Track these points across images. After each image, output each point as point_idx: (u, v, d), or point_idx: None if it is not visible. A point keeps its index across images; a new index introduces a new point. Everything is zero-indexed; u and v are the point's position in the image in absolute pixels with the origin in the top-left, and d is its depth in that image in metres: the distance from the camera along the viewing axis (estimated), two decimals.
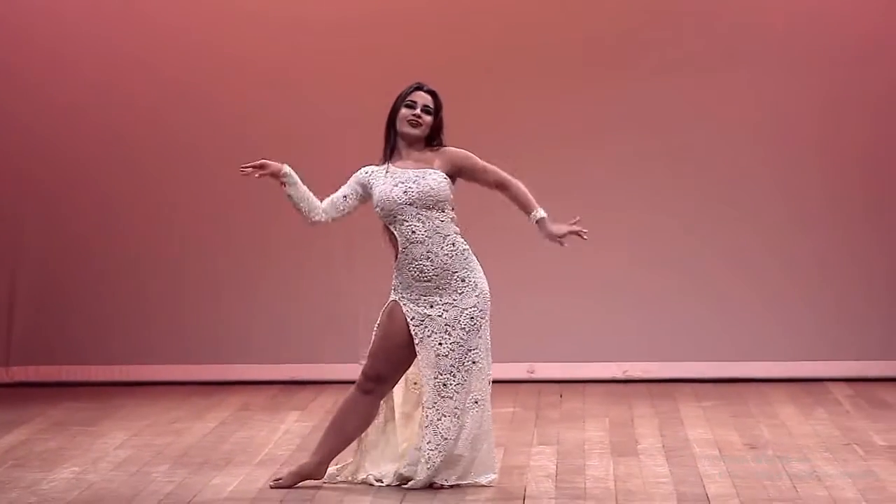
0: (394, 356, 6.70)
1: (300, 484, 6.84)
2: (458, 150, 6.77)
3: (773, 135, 9.90)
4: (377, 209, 6.67)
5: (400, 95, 6.73)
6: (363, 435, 6.82)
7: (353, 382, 9.50)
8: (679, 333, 9.91)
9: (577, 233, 6.75)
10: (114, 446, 7.95)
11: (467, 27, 9.88)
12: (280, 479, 6.83)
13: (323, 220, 6.76)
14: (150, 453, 7.75)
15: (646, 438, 8.03)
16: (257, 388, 9.74)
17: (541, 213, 6.73)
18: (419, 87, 6.73)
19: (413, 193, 6.59)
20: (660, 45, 9.83)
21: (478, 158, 6.77)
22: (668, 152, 9.90)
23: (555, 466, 7.31)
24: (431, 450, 6.62)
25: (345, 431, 6.80)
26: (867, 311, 9.89)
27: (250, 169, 6.78)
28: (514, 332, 9.76)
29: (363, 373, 6.74)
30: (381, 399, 6.78)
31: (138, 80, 10.01)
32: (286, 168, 6.81)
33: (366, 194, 6.74)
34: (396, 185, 6.60)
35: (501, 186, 6.79)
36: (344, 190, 6.77)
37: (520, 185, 6.77)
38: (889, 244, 9.88)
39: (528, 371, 9.97)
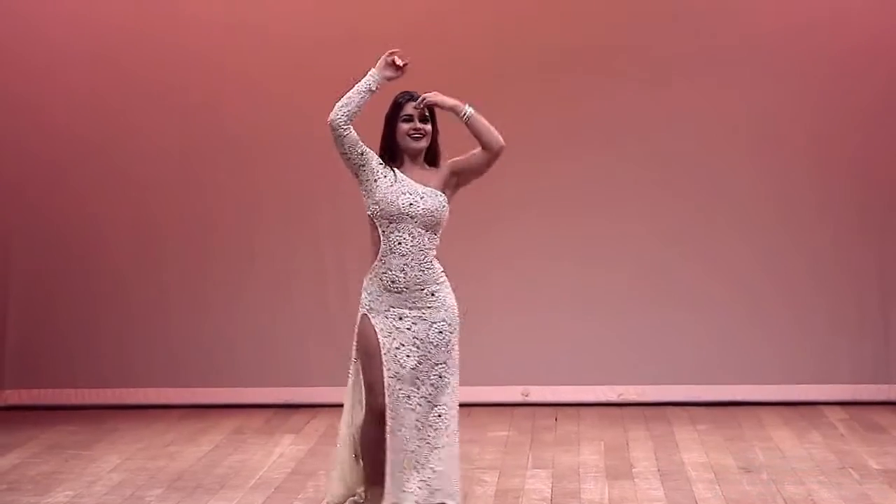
0: (375, 372, 6.53)
1: None
2: (444, 162, 6.65)
3: (766, 153, 9.87)
4: (375, 206, 6.52)
5: (394, 107, 6.60)
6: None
7: None
8: (673, 357, 9.90)
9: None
10: (107, 470, 7.94)
11: (456, 34, 9.83)
12: None
13: (344, 132, 6.49)
14: (144, 477, 7.73)
15: (641, 462, 8.03)
16: (251, 412, 9.71)
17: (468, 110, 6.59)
18: (412, 98, 6.60)
19: (418, 208, 6.51)
20: (649, 53, 9.83)
21: (458, 158, 6.65)
22: (666, 174, 9.87)
23: (550, 490, 7.31)
24: (387, 460, 6.48)
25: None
26: (860, 335, 9.88)
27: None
28: (509, 356, 9.76)
29: (374, 409, 6.51)
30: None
31: (126, 93, 9.97)
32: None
33: (364, 171, 6.53)
34: (403, 195, 6.51)
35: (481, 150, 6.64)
36: (363, 146, 6.54)
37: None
38: (883, 266, 9.87)
39: (522, 394, 9.96)
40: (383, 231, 6.54)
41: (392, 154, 6.62)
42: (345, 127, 6.47)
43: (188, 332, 10.05)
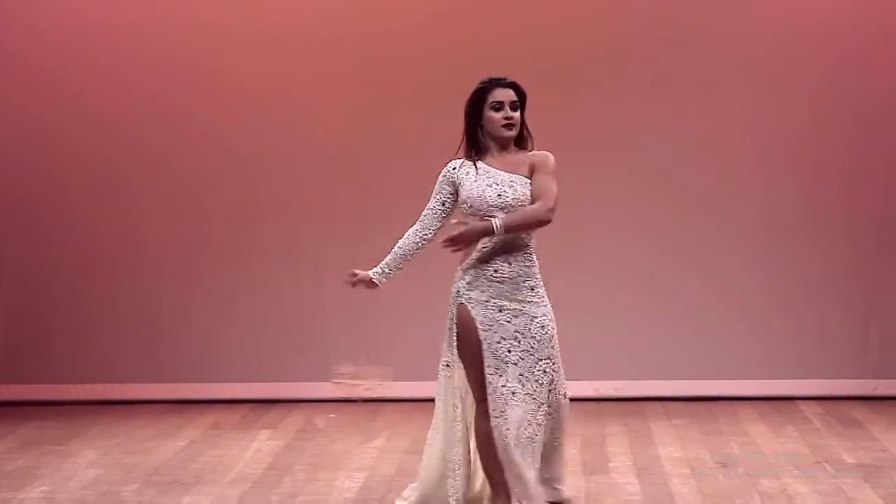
0: (482, 365, 6.31)
1: None
2: (542, 154, 6.43)
3: (751, 155, 9.90)
4: (464, 205, 6.31)
5: (479, 97, 6.37)
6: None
7: (325, 401, 9.64)
8: (650, 352, 9.92)
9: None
10: (84, 465, 7.93)
11: (454, 46, 9.80)
12: None
13: (430, 239, 6.41)
14: (121, 472, 7.72)
15: (617, 457, 8.04)
16: (228, 407, 9.70)
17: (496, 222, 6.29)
18: (499, 83, 6.40)
19: (507, 198, 6.28)
20: (641, 68, 9.80)
21: (550, 169, 6.40)
22: (645, 173, 9.88)
23: None
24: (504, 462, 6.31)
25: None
26: (837, 330, 9.90)
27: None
28: None
29: (483, 402, 6.31)
30: None
31: (119, 96, 9.95)
32: (373, 275, 6.46)
33: (456, 191, 6.39)
34: (490, 186, 6.29)
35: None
36: (440, 197, 6.40)
37: (530, 209, 6.36)
38: (863, 264, 9.89)
39: None
40: None
41: (478, 145, 6.40)
42: (433, 234, 6.41)
43: (166, 328, 10.01)
